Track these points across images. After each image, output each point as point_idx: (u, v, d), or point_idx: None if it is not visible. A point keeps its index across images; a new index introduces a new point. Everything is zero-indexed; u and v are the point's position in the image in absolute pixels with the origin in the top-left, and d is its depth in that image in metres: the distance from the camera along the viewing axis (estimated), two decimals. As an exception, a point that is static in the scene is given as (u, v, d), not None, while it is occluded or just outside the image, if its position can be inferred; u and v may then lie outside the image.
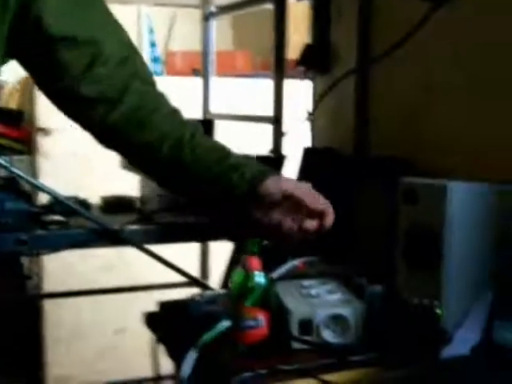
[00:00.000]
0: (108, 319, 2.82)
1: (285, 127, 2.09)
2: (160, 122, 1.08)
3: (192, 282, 1.95)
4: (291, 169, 1.86)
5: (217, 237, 1.96)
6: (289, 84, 2.10)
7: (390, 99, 1.69)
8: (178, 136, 1.07)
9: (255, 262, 1.03)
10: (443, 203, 1.07)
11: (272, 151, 2.04)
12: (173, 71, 3.59)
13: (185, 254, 2.11)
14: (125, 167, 1.81)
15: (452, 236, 1.08)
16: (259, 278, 1.03)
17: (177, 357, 1.07)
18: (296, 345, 1.06)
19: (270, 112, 2.07)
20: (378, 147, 1.72)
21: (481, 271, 1.11)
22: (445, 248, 1.08)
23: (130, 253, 1.88)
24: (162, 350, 1.18)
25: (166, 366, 1.16)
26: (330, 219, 1.07)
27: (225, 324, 1.06)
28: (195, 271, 2.36)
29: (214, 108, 2.48)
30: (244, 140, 2.26)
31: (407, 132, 1.61)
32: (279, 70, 2.00)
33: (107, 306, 2.72)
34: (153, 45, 4.00)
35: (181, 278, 1.97)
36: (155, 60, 3.88)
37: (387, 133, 1.68)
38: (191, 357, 1.03)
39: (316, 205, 1.06)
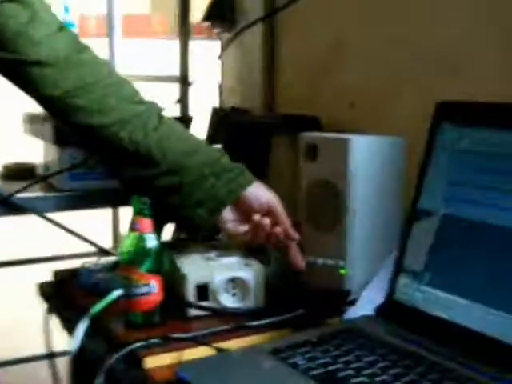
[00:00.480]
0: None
1: (193, 88, 2.02)
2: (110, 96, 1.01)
3: (100, 251, 1.86)
4: (199, 129, 1.80)
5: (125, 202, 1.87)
6: (200, 45, 2.04)
7: (298, 57, 1.64)
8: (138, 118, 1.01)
9: (146, 223, 0.95)
10: (345, 158, 1.02)
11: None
12: (86, 36, 3.45)
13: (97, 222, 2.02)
14: (28, 133, 1.72)
15: (355, 192, 1.03)
16: (151, 240, 0.95)
17: (69, 330, 0.99)
18: (193, 311, 0.99)
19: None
20: (287, 105, 1.67)
21: (387, 229, 1.06)
22: (347, 205, 1.03)
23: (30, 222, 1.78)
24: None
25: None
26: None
27: (116, 293, 0.99)
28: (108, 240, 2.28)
29: (119, 69, 2.37)
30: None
31: (316, 89, 1.56)
32: (184, 27, 1.93)
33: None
34: (66, 10, 3.84)
35: (91, 249, 1.89)
36: (69, 25, 3.72)
37: (296, 90, 1.64)
38: (80, 329, 0.95)
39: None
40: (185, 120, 1.91)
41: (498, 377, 0.70)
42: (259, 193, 1.03)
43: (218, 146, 1.65)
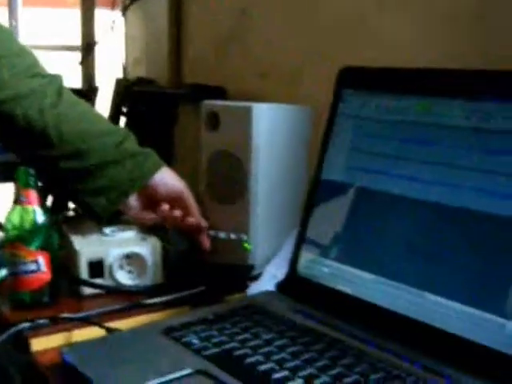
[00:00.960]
0: None
1: (99, 58, 1.94)
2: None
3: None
4: (103, 100, 1.73)
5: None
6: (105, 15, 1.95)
7: (205, 25, 1.57)
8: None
9: (33, 195, 0.88)
10: (247, 127, 0.97)
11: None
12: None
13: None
14: None
15: (258, 163, 0.98)
16: (39, 214, 0.88)
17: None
18: (87, 290, 0.93)
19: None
20: (195, 76, 1.61)
21: (293, 201, 1.02)
22: (250, 177, 0.98)
23: None
24: None
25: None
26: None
27: (2, 272, 0.91)
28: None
29: (21, 39, 2.26)
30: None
31: (225, 59, 1.51)
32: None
33: None
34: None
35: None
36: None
37: (204, 60, 1.58)
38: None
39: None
40: (90, 91, 1.83)
41: (400, 353, 0.67)
42: (167, 180, 0.97)
43: (122, 123, 1.58)
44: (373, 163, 0.79)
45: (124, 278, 0.95)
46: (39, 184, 0.90)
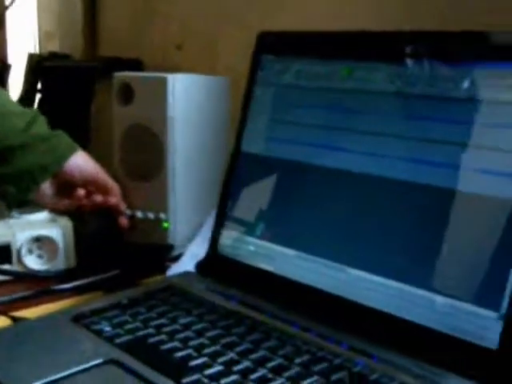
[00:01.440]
0: None
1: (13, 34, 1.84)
2: None
3: None
4: (15, 76, 1.63)
5: None
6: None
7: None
8: None
9: None
10: (162, 99, 0.91)
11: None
12: None
13: None
14: None
15: (174, 137, 0.92)
16: None
17: None
18: (-7, 276, 0.86)
19: None
20: (111, 49, 1.53)
21: (213, 177, 0.97)
22: (167, 152, 0.92)
23: None
24: None
25: None
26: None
27: None
28: None
29: None
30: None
31: (141, 30, 1.44)
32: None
33: None
34: None
35: None
36: None
37: (120, 32, 1.50)
38: None
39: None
40: (2, 67, 1.73)
41: (325, 334, 0.64)
42: (81, 163, 0.90)
43: (34, 104, 1.50)
44: (295, 134, 0.74)
45: (34, 263, 0.88)
46: None
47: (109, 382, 0.58)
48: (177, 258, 0.93)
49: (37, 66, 1.57)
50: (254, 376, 0.56)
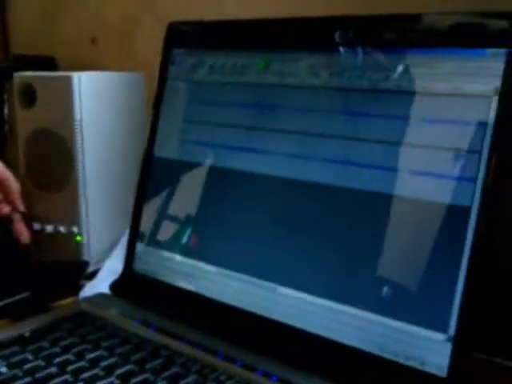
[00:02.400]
0: None
1: None
2: None
3: None
4: None
5: None
6: None
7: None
8: None
9: None
10: (68, 100, 0.81)
11: None
12: None
13: None
14: None
15: (84, 142, 0.83)
16: None
17: None
18: None
19: None
20: (23, 45, 1.42)
21: (131, 184, 0.87)
22: (77, 158, 0.83)
23: None
24: None
25: None
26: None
27: None
28: None
29: None
30: None
31: (54, 24, 1.33)
32: None
33: None
34: None
35: None
36: None
37: (32, 27, 1.39)
38: None
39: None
40: None
41: (252, 364, 0.56)
42: None
43: None
44: (211, 135, 0.66)
45: None
46: None
47: None
48: (93, 276, 0.84)
49: None
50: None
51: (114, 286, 0.73)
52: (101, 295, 0.74)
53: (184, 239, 0.68)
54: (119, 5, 1.17)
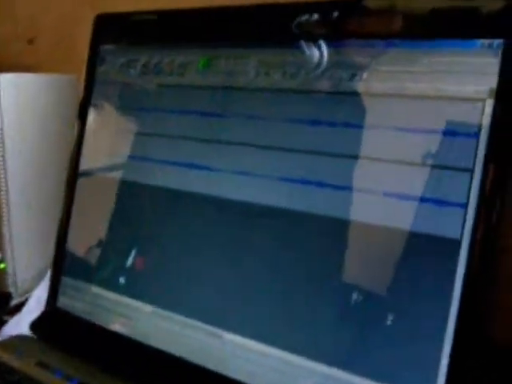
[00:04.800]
0: None
1: None
2: None
3: None
4: None
5: None
6: None
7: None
8: None
9: None
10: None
11: None
12: None
13: None
14: None
15: (7, 153, 0.71)
16: None
17: None
18: None
19: None
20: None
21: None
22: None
23: None
24: None
25: None
26: None
27: None
28: None
29: None
30: None
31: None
32: None
33: None
34: None
35: None
36: None
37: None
38: None
39: None
40: None
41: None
42: None
43: None
44: (144, 147, 0.55)
45: None
46: None
47: None
48: (18, 309, 0.72)
49: None
50: None
51: (34, 326, 0.62)
52: (19, 338, 0.62)
53: (117, 272, 0.56)
54: (57, 2, 1.06)
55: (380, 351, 0.40)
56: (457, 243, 0.37)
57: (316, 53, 0.46)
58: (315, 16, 0.45)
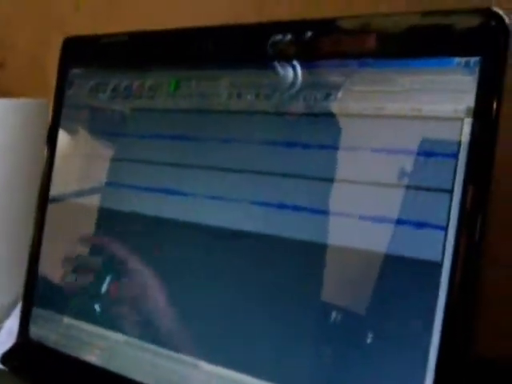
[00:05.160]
0: None
1: None
2: None
3: None
4: None
5: None
6: None
7: None
8: None
9: None
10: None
11: None
12: None
13: None
14: None
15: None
16: None
17: None
18: None
19: None
20: None
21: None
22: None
23: None
24: None
25: None
26: None
27: None
28: None
29: None
30: None
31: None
32: None
33: None
34: None
35: None
36: None
37: None
38: None
39: None
40: None
41: None
42: None
43: None
44: (116, 173, 0.53)
45: None
46: None
47: None
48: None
49: None
50: None
51: (5, 358, 0.60)
52: None
53: (90, 302, 0.55)
54: (27, 26, 1.04)
55: (361, 371, 0.39)
56: (437, 266, 0.36)
57: (290, 73, 0.45)
58: (288, 36, 0.44)
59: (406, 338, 0.37)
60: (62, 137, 0.58)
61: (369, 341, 0.38)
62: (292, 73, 0.44)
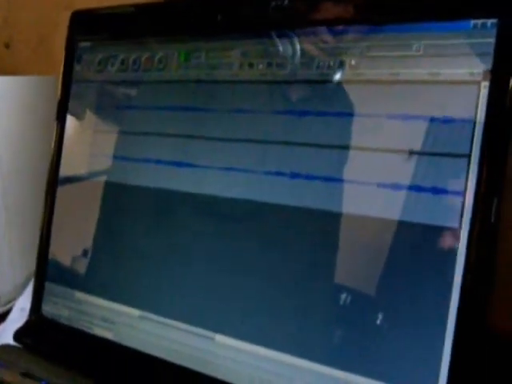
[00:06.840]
0: None
1: None
2: None
3: None
4: None
5: None
6: None
7: None
8: None
9: None
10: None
11: None
12: None
13: None
14: None
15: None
16: None
17: None
18: None
19: None
20: None
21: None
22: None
23: None
24: None
25: None
26: None
27: None
28: None
29: None
30: None
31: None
32: None
33: None
34: None
35: None
36: None
37: None
38: None
39: None
40: None
41: None
42: None
43: None
44: (126, 147, 0.53)
45: None
46: None
47: None
48: (2, 319, 0.70)
49: None
50: None
51: (18, 335, 0.60)
52: (3, 348, 0.60)
53: (102, 277, 0.54)
54: (34, 5, 1.03)
55: (376, 348, 0.38)
56: (456, 231, 0.35)
57: (302, 41, 0.44)
58: (303, 1, 0.43)
59: (424, 305, 0.36)
60: (72, 112, 0.57)
61: (386, 310, 0.38)
62: (304, 40, 0.44)
